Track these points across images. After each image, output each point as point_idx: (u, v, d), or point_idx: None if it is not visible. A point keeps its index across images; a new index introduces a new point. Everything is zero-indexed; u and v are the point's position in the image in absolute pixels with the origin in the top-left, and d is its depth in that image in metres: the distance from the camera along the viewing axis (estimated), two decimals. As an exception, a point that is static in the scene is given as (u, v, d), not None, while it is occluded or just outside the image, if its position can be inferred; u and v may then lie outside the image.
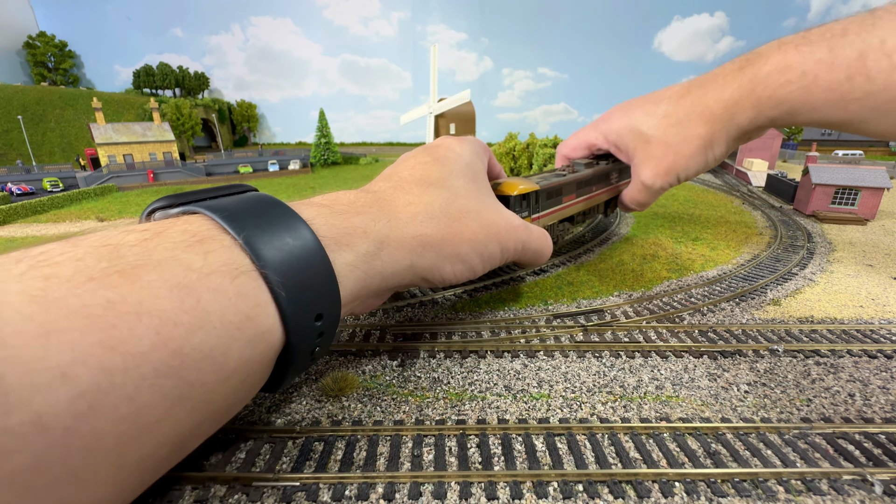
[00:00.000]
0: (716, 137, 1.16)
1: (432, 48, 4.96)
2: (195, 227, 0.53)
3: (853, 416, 0.85)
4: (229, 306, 0.49)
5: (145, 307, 0.41)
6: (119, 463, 0.40)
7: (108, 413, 0.38)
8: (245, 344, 0.51)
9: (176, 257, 0.47)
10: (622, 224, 2.28)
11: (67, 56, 10.68)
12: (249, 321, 0.51)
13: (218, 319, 0.47)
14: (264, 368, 0.57)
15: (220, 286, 0.48)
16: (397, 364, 1.00)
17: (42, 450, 0.33)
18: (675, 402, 0.88)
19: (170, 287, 0.44)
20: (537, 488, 0.67)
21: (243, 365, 0.51)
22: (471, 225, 0.90)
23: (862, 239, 2.13)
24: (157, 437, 0.44)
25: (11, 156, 7.69)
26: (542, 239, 1.13)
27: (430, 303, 1.32)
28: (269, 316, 0.53)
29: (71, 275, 0.39)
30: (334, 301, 0.62)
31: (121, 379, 0.38)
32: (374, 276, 0.72)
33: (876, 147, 8.08)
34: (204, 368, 0.46)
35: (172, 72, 10.39)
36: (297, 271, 0.56)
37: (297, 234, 0.59)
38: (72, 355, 0.36)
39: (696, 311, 1.28)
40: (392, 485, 0.67)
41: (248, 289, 0.51)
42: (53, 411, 0.34)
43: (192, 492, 0.66)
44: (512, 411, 0.84)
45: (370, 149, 10.42)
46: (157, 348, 0.41)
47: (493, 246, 0.95)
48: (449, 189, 0.92)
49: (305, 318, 0.58)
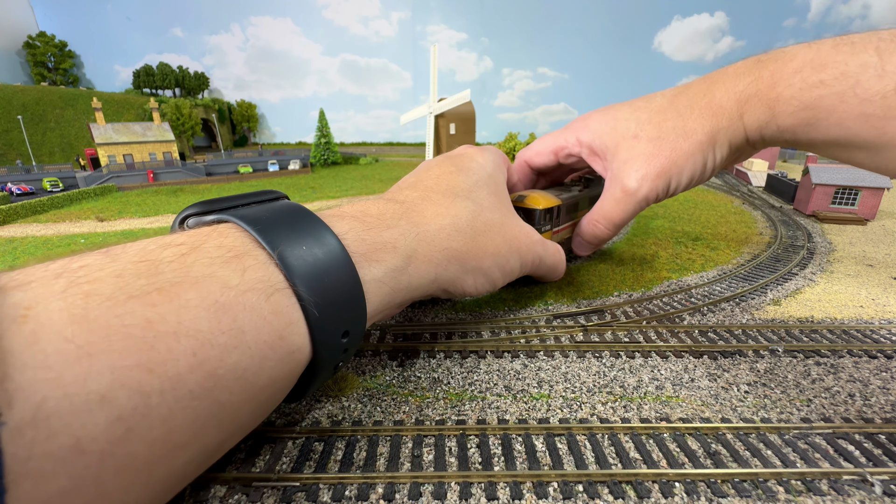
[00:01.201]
0: (719, 136, 0.97)
1: (432, 48, 4.96)
2: (230, 240, 0.53)
3: (853, 416, 0.85)
4: (264, 325, 0.49)
5: (184, 327, 0.42)
6: (148, 482, 0.40)
7: (142, 435, 0.38)
8: (276, 363, 0.51)
9: (213, 274, 0.47)
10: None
11: (67, 56, 10.66)
12: (282, 340, 0.51)
13: (253, 339, 0.47)
14: (290, 384, 0.57)
15: (256, 305, 0.49)
16: (397, 364, 0.99)
17: (79, 472, 0.33)
18: (675, 402, 0.88)
19: (208, 306, 0.44)
20: (537, 488, 0.67)
21: (271, 383, 0.52)
22: (495, 239, 0.90)
23: (862, 239, 2.13)
24: (185, 455, 0.44)
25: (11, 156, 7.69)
26: (558, 255, 1.13)
27: (430, 303, 1.32)
28: (300, 335, 0.54)
29: (111, 292, 0.39)
30: (361, 317, 0.62)
31: (157, 401, 0.38)
32: (400, 290, 0.72)
33: (876, 147, 8.08)
34: (235, 389, 0.46)
35: (172, 72, 10.38)
36: (328, 288, 0.56)
37: (329, 250, 0.59)
38: (111, 378, 0.36)
39: (696, 311, 1.28)
40: (392, 485, 0.67)
41: (282, 307, 0.52)
42: (92, 435, 0.34)
43: (193, 492, 0.66)
44: (512, 411, 0.84)
45: (370, 149, 10.42)
46: (194, 370, 0.41)
47: (514, 260, 0.95)
48: (474, 201, 0.92)
49: (333, 336, 0.58)
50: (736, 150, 1.02)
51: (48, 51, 10.21)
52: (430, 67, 4.97)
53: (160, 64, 10.31)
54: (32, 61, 10.14)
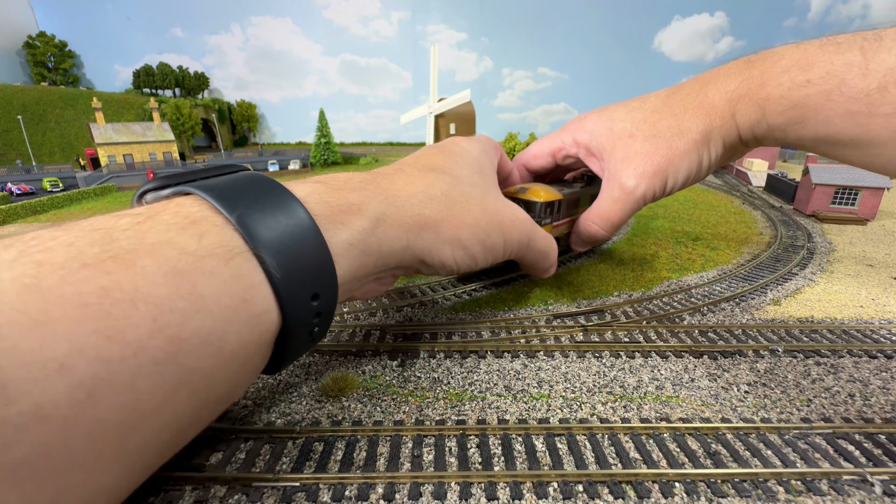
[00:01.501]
0: (713, 135, 0.99)
1: (432, 48, 4.96)
2: (187, 208, 0.52)
3: (853, 416, 0.85)
4: (225, 290, 0.48)
5: (141, 294, 0.41)
6: (121, 449, 0.40)
7: (107, 401, 0.38)
8: (242, 327, 0.50)
9: (170, 240, 0.46)
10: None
11: (67, 56, 10.66)
12: (245, 303, 0.50)
13: (214, 303, 0.47)
14: (263, 350, 0.57)
15: (216, 269, 0.48)
16: (397, 364, 0.99)
17: (43, 439, 0.34)
18: (675, 402, 0.88)
19: (165, 272, 0.44)
20: (537, 489, 0.67)
21: (241, 348, 0.51)
22: (472, 210, 0.87)
23: (862, 239, 2.13)
24: (157, 422, 0.43)
25: (11, 156, 7.69)
26: (548, 240, 1.09)
27: (430, 303, 1.32)
28: (264, 297, 0.53)
29: (64, 261, 0.39)
30: (330, 280, 0.61)
31: (119, 368, 0.38)
32: (371, 253, 0.70)
33: (876, 147, 8.08)
34: (202, 354, 0.46)
35: (172, 72, 10.38)
36: (291, 250, 0.55)
37: (290, 213, 0.57)
38: (69, 346, 0.35)
39: (696, 311, 1.28)
40: (392, 485, 0.67)
41: (243, 270, 0.51)
42: (53, 401, 0.34)
43: (192, 492, 0.66)
44: (512, 411, 0.84)
45: (370, 149, 10.42)
46: (154, 335, 0.41)
47: (496, 235, 0.91)
48: (451, 175, 0.90)
49: (301, 299, 0.57)
50: (730, 149, 1.03)
51: (48, 51, 10.21)
52: (430, 67, 4.97)
53: (160, 64, 10.31)
54: (32, 61, 10.14)
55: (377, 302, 1.32)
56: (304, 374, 0.95)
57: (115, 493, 0.43)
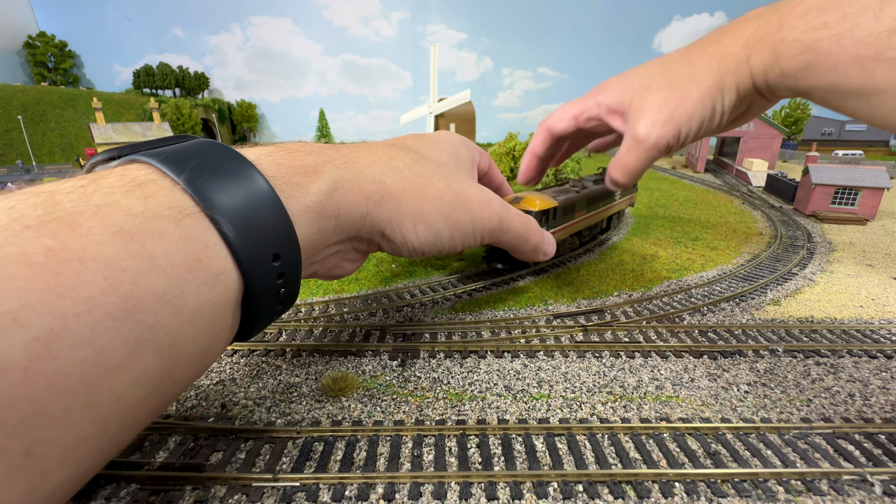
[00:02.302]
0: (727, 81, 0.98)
1: (432, 48, 4.96)
2: (133, 172, 0.52)
3: (853, 416, 0.85)
4: (177, 250, 0.48)
5: (89, 254, 0.41)
6: (90, 402, 0.41)
7: (66, 355, 0.38)
8: (200, 286, 0.50)
9: (115, 202, 0.46)
10: (622, 224, 2.28)
11: (67, 56, 10.66)
12: (200, 263, 0.50)
13: (166, 263, 0.47)
14: (228, 312, 0.56)
15: (165, 230, 0.48)
16: (397, 364, 0.99)
17: (4, 389, 0.34)
18: (675, 402, 0.88)
19: (112, 233, 0.44)
20: (537, 488, 0.67)
21: (203, 307, 0.51)
22: (437, 184, 0.84)
23: (862, 239, 2.13)
24: (125, 377, 0.44)
25: (11, 156, 7.69)
26: (523, 220, 1.05)
27: (430, 303, 1.32)
28: (220, 258, 0.53)
29: (5, 223, 0.39)
30: (290, 240, 0.61)
31: (74, 323, 0.39)
32: (329, 217, 0.69)
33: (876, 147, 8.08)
34: (160, 311, 0.46)
35: (172, 72, 10.38)
36: (245, 210, 0.55)
37: (241, 173, 0.57)
38: (19, 302, 0.36)
39: (696, 311, 1.28)
40: (392, 485, 0.67)
41: (195, 231, 0.50)
42: (9, 354, 0.35)
43: (192, 492, 0.66)
44: (512, 411, 0.84)
45: (370, 149, 10.41)
46: (108, 293, 0.41)
47: (462, 212, 0.88)
48: (417, 152, 0.88)
49: (261, 259, 0.57)
50: (744, 97, 1.01)
51: (48, 51, 10.21)
52: (430, 67, 4.96)
53: (160, 64, 10.31)
54: (32, 61, 10.14)
55: (377, 302, 1.32)
56: (304, 374, 0.95)
57: (97, 443, 0.45)
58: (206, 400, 0.87)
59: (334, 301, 1.33)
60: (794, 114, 7.68)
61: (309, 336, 1.11)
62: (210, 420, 0.80)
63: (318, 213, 0.67)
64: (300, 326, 1.15)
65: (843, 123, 7.91)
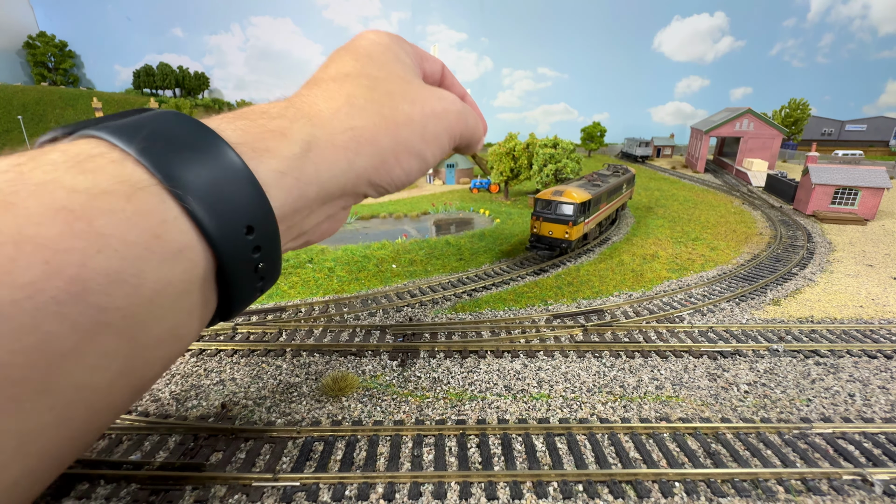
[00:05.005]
0: None
1: (432, 48, 4.97)
2: (78, 146, 0.51)
3: (853, 416, 0.85)
4: (130, 227, 0.47)
5: (26, 236, 0.40)
6: (44, 389, 0.41)
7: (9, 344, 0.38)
8: (160, 264, 0.49)
9: (56, 179, 0.45)
10: (622, 224, 2.28)
11: (67, 56, 10.64)
12: (158, 240, 0.49)
13: (118, 242, 0.45)
14: (198, 290, 0.55)
15: (115, 207, 0.47)
16: (397, 364, 1.00)
17: None
18: (675, 402, 0.88)
19: (53, 212, 0.43)
20: (537, 488, 0.67)
21: (166, 287, 0.50)
22: (401, 107, 0.84)
23: (862, 239, 2.13)
24: (84, 362, 0.43)
25: (11, 156, 7.70)
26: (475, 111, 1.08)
27: (430, 303, 1.32)
28: (182, 232, 0.52)
29: None
30: (264, 211, 0.59)
31: (13, 310, 0.38)
32: (310, 182, 0.68)
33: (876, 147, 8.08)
34: (115, 292, 0.45)
35: (172, 72, 10.37)
36: (208, 181, 0.53)
37: (202, 141, 0.55)
38: None
39: (696, 311, 1.28)
40: (392, 485, 0.67)
41: (150, 206, 0.49)
42: None
43: (192, 492, 0.66)
44: (512, 411, 0.84)
45: (370, 149, 10.42)
46: (51, 277, 0.40)
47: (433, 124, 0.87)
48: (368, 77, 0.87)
49: (231, 232, 0.56)
50: None
51: (48, 51, 10.20)
52: (430, 67, 4.97)
53: (160, 64, 10.30)
54: (32, 61, 10.13)
55: (377, 302, 1.32)
56: (304, 374, 0.95)
57: (65, 430, 0.44)
58: (206, 400, 0.87)
59: (334, 301, 1.33)
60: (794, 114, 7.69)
61: (309, 336, 1.12)
62: (210, 420, 0.81)
63: (296, 179, 0.66)
64: (300, 326, 1.15)
65: (842, 123, 7.92)
